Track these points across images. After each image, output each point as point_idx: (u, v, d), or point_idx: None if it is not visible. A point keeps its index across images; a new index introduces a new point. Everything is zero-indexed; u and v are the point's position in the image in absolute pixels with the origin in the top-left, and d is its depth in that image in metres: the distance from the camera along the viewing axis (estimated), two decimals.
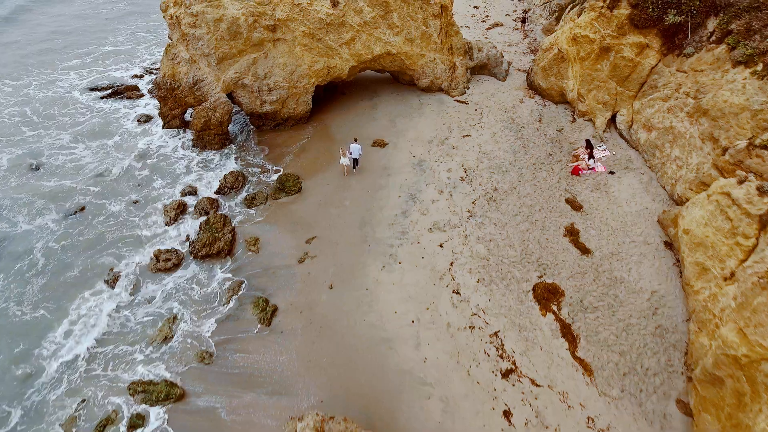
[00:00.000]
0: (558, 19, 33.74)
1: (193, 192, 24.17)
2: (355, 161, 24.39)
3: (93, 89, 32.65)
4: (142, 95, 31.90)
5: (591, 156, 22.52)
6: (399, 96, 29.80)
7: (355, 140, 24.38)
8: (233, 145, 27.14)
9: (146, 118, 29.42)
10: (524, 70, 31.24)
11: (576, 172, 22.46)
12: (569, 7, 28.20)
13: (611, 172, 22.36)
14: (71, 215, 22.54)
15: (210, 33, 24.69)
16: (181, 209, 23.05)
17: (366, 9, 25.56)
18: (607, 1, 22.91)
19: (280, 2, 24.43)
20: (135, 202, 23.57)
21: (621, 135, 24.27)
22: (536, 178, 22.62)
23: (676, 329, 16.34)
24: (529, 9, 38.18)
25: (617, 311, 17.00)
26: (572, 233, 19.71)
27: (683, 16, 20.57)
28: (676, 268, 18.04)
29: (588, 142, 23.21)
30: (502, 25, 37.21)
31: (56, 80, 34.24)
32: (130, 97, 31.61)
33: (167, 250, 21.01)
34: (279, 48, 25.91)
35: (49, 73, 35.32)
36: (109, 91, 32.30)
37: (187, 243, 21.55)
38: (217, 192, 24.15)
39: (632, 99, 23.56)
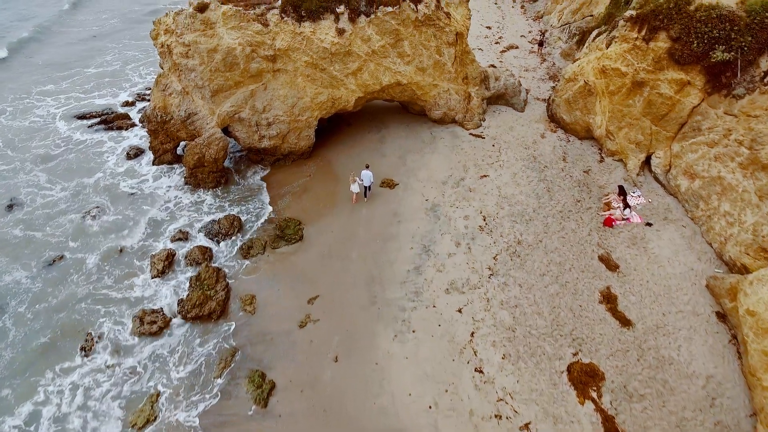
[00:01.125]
0: (579, 43, 31.58)
1: (183, 238, 21.94)
2: (367, 189, 22.64)
3: (81, 117, 30.51)
4: (133, 125, 29.73)
5: (626, 205, 20.22)
6: (409, 128, 27.59)
7: (367, 167, 22.62)
8: (229, 184, 24.91)
9: (137, 152, 27.22)
10: (543, 100, 29.02)
11: (609, 223, 20.16)
12: (595, 33, 25.99)
13: (648, 224, 20.06)
14: (45, 269, 20.28)
15: (204, 64, 22.54)
16: (169, 260, 20.80)
17: (374, 37, 23.39)
18: (643, 33, 20.67)
19: (280, 31, 22.27)
20: (120, 251, 21.34)
21: (656, 179, 21.97)
22: (564, 230, 20.32)
23: (738, 427, 13.99)
24: (546, 30, 36.01)
25: (668, 401, 14.65)
26: (609, 299, 17.39)
27: (732, 53, 18.32)
28: (733, 346, 15.70)
29: (621, 188, 20.93)
30: (517, 47, 35.01)
31: (33, 107, 32.05)
32: (120, 127, 29.45)
33: (152, 311, 18.77)
34: (279, 79, 23.74)
35: (25, 97, 33.10)
36: (98, 119, 30.13)
37: (175, 301, 19.32)
38: (210, 239, 21.94)
39: (670, 140, 21.29)
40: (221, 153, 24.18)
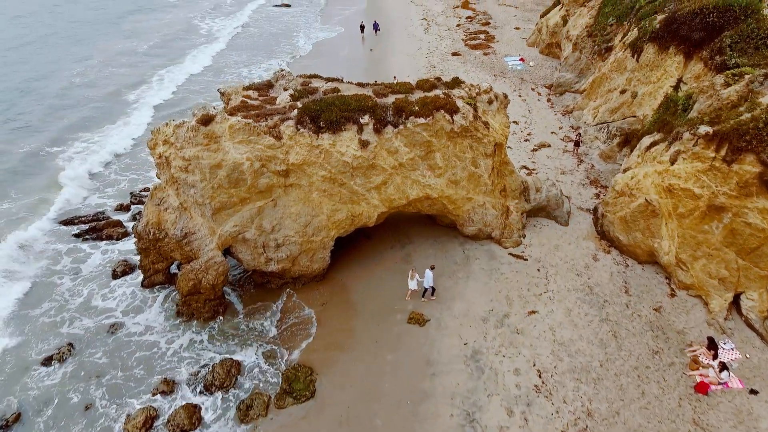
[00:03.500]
0: (621, 145, 28.71)
1: (168, 391, 17.89)
2: (431, 289, 20.65)
3: (67, 222, 27.25)
4: (125, 234, 26.36)
5: (722, 366, 16.13)
6: (438, 243, 24.07)
7: (432, 268, 20.45)
8: (227, 314, 21.10)
9: (125, 269, 23.67)
10: (588, 210, 25.67)
11: (702, 389, 16.00)
12: (648, 141, 22.94)
13: (753, 391, 15.90)
14: None
15: (205, 180, 19.45)
16: (148, 425, 16.64)
17: (402, 149, 20.41)
18: (723, 153, 17.50)
19: (295, 144, 19.31)
20: (87, 408, 17.26)
21: (750, 325, 18.04)
22: (645, 396, 16.13)
23: None
24: (579, 127, 33.40)
25: None
26: None
27: None
28: None
29: (711, 341, 16.97)
30: (549, 146, 32.23)
31: None
32: (110, 236, 26.03)
33: None
34: (291, 195, 20.57)
35: None
36: (87, 226, 26.84)
37: None
38: (201, 392, 17.87)
39: (766, 280, 17.56)
40: (221, 278, 20.58)
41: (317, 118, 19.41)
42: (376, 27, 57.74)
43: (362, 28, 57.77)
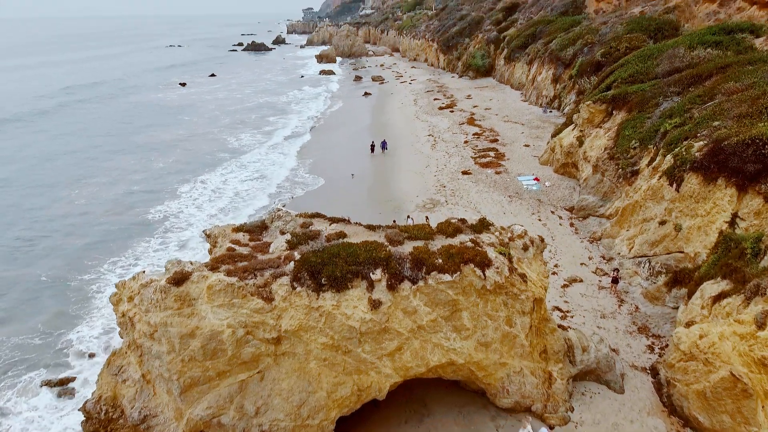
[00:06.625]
0: (670, 286, 24.82)
1: None
2: None
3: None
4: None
5: None
6: (463, 416, 19.33)
7: (552, 428, 18.02)
8: None
9: None
10: (644, 369, 21.20)
11: None
12: (713, 290, 19.15)
13: None
14: None
15: (173, 352, 15.42)
16: None
17: (422, 309, 16.56)
18: None
19: (289, 307, 15.54)
20: None
21: None
22: None
23: None
24: (613, 258, 29.83)
25: None
26: None
27: None
28: None
29: None
30: (581, 280, 28.45)
31: None
32: (64, 394, 21.48)
33: None
34: (283, 365, 16.39)
35: None
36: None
37: None
38: None
39: None
40: None
41: (318, 274, 15.81)
42: (384, 145, 56.64)
43: (372, 147, 56.50)
